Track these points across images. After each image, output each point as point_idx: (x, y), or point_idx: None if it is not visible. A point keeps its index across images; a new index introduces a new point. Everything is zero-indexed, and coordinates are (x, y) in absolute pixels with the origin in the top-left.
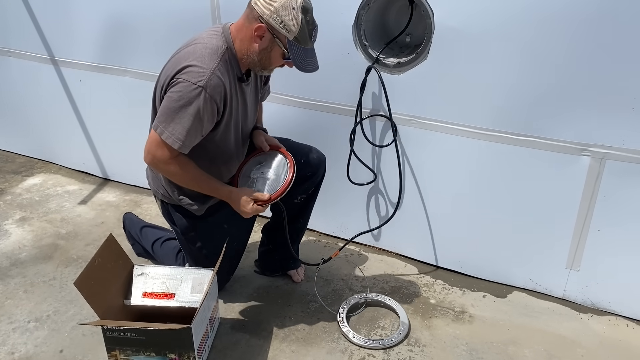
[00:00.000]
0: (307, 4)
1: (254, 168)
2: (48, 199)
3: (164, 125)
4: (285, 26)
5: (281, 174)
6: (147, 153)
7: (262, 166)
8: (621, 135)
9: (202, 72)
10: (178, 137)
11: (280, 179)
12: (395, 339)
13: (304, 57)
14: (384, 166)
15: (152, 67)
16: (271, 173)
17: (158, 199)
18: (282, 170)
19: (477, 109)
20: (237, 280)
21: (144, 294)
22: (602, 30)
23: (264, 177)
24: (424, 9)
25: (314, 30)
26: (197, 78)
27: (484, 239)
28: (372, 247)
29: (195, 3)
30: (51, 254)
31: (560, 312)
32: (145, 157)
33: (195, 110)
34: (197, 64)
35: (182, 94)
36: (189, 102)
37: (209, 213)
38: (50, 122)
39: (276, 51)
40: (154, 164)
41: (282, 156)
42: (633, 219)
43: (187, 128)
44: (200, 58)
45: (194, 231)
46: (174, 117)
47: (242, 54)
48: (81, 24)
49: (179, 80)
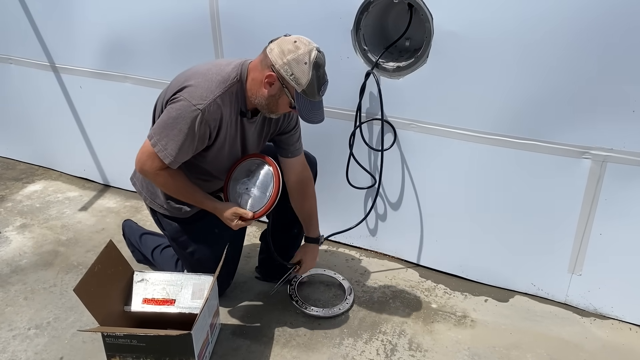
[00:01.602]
0: (320, 59)
1: (242, 178)
2: (48, 205)
3: (158, 137)
4: (295, 79)
5: (267, 191)
6: (138, 161)
7: (249, 180)
8: (622, 138)
9: (204, 95)
10: (170, 152)
11: (265, 196)
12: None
13: (310, 109)
14: (384, 170)
15: (152, 74)
16: (256, 190)
17: (147, 205)
18: (269, 186)
19: (477, 112)
20: (237, 286)
21: (144, 300)
22: (602, 34)
23: (248, 194)
24: (422, 13)
25: (324, 85)
26: (197, 100)
27: (485, 243)
28: (373, 252)
29: (194, 8)
30: (51, 260)
31: (563, 316)
32: (136, 165)
33: (190, 130)
34: (202, 86)
35: (180, 112)
36: (185, 121)
37: (198, 217)
38: (50, 129)
39: (284, 99)
40: (143, 172)
41: (271, 172)
42: (635, 222)
43: (179, 146)
44: (208, 82)
45: (184, 236)
46: (169, 133)
47: (252, 93)
48: (81, 31)
49: (180, 98)
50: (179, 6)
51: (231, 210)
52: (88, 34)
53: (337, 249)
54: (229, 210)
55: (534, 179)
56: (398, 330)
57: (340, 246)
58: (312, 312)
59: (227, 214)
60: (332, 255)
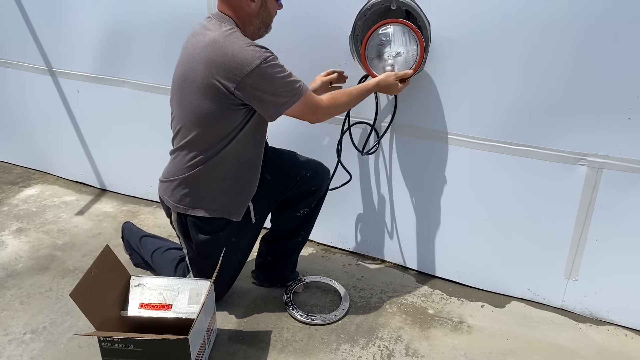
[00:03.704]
0: None
1: (377, 54)
2: (45, 209)
3: (285, 95)
4: None
5: (408, 44)
6: (316, 117)
7: (385, 49)
8: (618, 145)
9: (252, 50)
10: (298, 86)
11: (410, 48)
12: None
13: None
14: (382, 176)
15: (150, 78)
16: (400, 48)
17: (175, 211)
18: (406, 37)
19: (475, 119)
20: (234, 291)
21: (141, 305)
22: (599, 42)
23: (395, 58)
24: (420, 20)
25: None
26: (256, 56)
27: (482, 248)
28: (370, 258)
29: (191, 9)
30: (48, 265)
31: (559, 322)
32: (321, 119)
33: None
34: (243, 49)
35: (264, 76)
36: (272, 73)
37: (221, 227)
38: (47, 133)
39: (269, 1)
40: (327, 113)
41: (397, 26)
42: (630, 228)
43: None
44: (239, 45)
45: (208, 244)
46: (283, 88)
47: (247, 24)
48: (79, 35)
49: (251, 66)
50: (177, 10)
51: (392, 77)
52: (85, 38)
53: (334, 254)
54: (390, 78)
55: (530, 185)
56: (395, 336)
57: (337, 251)
58: (308, 318)
59: (390, 80)
60: (329, 261)
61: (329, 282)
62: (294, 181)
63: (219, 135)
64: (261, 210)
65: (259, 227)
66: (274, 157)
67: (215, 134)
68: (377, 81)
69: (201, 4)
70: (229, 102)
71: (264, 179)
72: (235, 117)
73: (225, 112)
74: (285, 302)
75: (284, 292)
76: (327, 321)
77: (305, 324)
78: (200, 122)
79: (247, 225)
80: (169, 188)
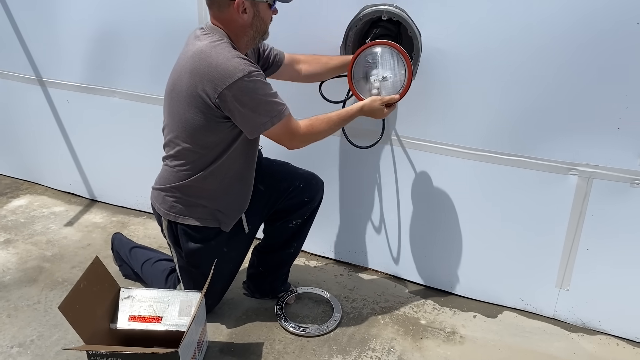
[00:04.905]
0: None
1: (363, 74)
2: (34, 220)
3: (267, 117)
4: None
5: (396, 68)
6: (292, 143)
7: (372, 71)
8: (607, 155)
9: (237, 63)
10: (283, 109)
11: (399, 72)
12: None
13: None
14: (374, 187)
15: (141, 88)
16: (387, 73)
17: (166, 219)
18: (395, 60)
19: (466, 129)
20: (225, 303)
21: (131, 318)
22: (589, 53)
23: (381, 81)
24: (411, 30)
25: None
26: (240, 70)
27: (474, 258)
28: (362, 268)
29: (182, 19)
30: (36, 277)
31: (551, 331)
32: (296, 145)
33: (263, 85)
34: (228, 62)
35: (248, 87)
36: (254, 89)
37: (212, 236)
38: (36, 143)
39: (262, 8)
40: (303, 140)
41: (387, 48)
42: (621, 238)
43: (274, 95)
44: (225, 57)
45: (198, 253)
46: (263, 106)
47: (240, 35)
48: (68, 45)
49: (231, 82)
50: (168, 19)
51: (378, 102)
52: (75, 48)
53: (326, 264)
54: (376, 103)
55: (521, 195)
56: (387, 347)
57: (329, 262)
58: (300, 329)
59: (375, 106)
60: (321, 271)
61: (321, 293)
62: (287, 192)
63: (207, 148)
64: (254, 220)
65: (251, 237)
66: (267, 167)
67: (203, 147)
68: (361, 106)
69: (192, 14)
70: (212, 113)
71: (257, 189)
72: (221, 130)
73: (210, 124)
74: (276, 313)
75: (275, 303)
76: (319, 333)
77: (297, 336)
78: (188, 133)
79: (239, 235)
80: (160, 195)
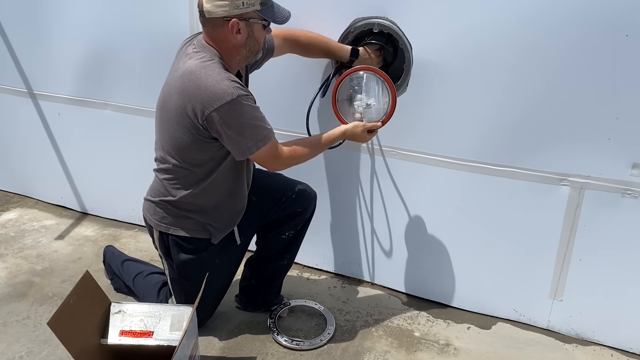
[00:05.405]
0: None
1: (348, 97)
2: (24, 234)
3: (252, 141)
4: (247, 3)
5: (380, 95)
6: (271, 168)
7: (357, 95)
8: (599, 165)
9: (225, 87)
10: (266, 133)
11: (382, 100)
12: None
13: (275, 13)
14: (366, 198)
15: (133, 100)
16: (370, 100)
17: (157, 230)
18: (380, 88)
19: (458, 140)
20: (217, 316)
21: (122, 333)
22: (579, 64)
23: (364, 107)
24: (402, 43)
25: None
26: (228, 95)
27: (467, 269)
28: (355, 280)
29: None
30: (25, 291)
31: (545, 342)
32: (278, 168)
33: (250, 109)
34: (216, 85)
35: (234, 112)
36: (242, 112)
37: (204, 247)
38: (27, 156)
39: (257, 29)
40: (285, 164)
41: (372, 75)
42: (613, 248)
43: (260, 119)
44: (214, 79)
45: (189, 265)
46: (249, 130)
47: (232, 55)
48: (60, 57)
49: (218, 106)
50: (159, 32)
51: (360, 128)
52: (67, 60)
53: (319, 276)
54: (358, 129)
55: (514, 206)
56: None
57: (322, 274)
58: (293, 343)
59: (357, 131)
60: (314, 284)
61: (314, 305)
62: (280, 202)
63: (196, 165)
64: (246, 231)
65: (243, 249)
66: (260, 178)
67: (192, 164)
68: (343, 130)
69: (184, 27)
70: (200, 134)
71: (250, 200)
72: (210, 149)
73: (198, 144)
74: (269, 326)
75: (268, 316)
76: (312, 346)
77: (290, 350)
78: (177, 151)
79: (231, 247)
80: (151, 207)
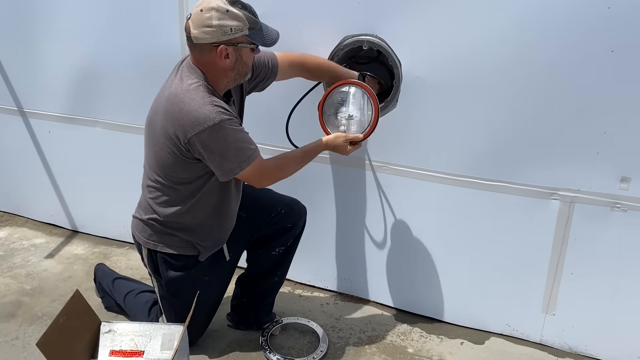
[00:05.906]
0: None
1: (334, 110)
2: (13, 253)
3: (235, 163)
4: (235, 29)
5: (364, 109)
6: (260, 183)
7: (342, 108)
8: (588, 179)
9: (208, 111)
10: (249, 153)
11: (366, 114)
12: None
13: (264, 36)
14: (358, 214)
15: (124, 118)
16: (355, 112)
17: (146, 247)
18: (364, 102)
19: (447, 155)
20: (209, 335)
21: (112, 352)
22: (568, 81)
23: (348, 120)
24: (391, 59)
25: (251, 8)
26: (209, 120)
27: (459, 284)
28: (348, 296)
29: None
30: (14, 311)
31: (538, 357)
32: (265, 184)
33: (233, 132)
34: (199, 109)
35: (214, 138)
36: (224, 136)
37: (192, 264)
38: (17, 174)
39: (245, 53)
40: (271, 179)
41: (358, 89)
42: (604, 261)
43: (243, 140)
44: (197, 103)
45: (178, 282)
46: (233, 152)
47: (219, 78)
48: (50, 75)
49: (201, 130)
50: (150, 50)
51: (342, 138)
52: (57, 78)
53: (312, 293)
54: (339, 139)
55: (505, 220)
56: None
57: (315, 290)
58: None
59: (339, 142)
60: (307, 300)
61: (306, 323)
62: (269, 218)
63: (182, 184)
64: (235, 248)
65: (233, 264)
66: (249, 193)
67: (178, 183)
68: (325, 141)
69: (175, 48)
70: (183, 155)
71: (239, 216)
72: (194, 169)
73: (181, 163)
74: (261, 345)
75: (260, 334)
76: None
77: None
78: (161, 168)
79: (220, 263)
80: (139, 224)
